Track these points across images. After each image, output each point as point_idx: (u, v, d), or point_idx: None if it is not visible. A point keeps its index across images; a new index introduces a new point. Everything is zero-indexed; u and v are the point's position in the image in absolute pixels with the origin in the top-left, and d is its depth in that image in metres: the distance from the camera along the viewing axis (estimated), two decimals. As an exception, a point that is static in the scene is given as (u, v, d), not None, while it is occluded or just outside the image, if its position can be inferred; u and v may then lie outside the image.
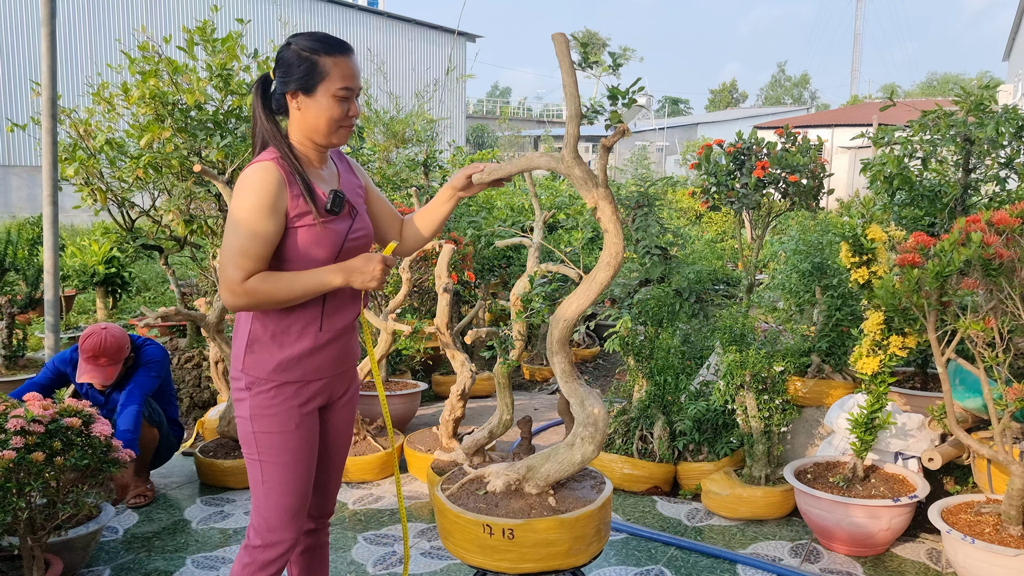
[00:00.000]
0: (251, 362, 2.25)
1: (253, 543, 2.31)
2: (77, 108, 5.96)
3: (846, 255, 3.53)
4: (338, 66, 2.19)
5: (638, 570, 3.52)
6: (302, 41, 2.21)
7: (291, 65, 2.19)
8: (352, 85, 2.21)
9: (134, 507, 4.23)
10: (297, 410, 2.28)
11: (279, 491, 2.29)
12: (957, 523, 3.25)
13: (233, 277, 2.13)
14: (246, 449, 2.31)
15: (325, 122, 2.20)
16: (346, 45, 2.25)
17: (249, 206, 2.13)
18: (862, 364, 3.59)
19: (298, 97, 2.20)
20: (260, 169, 2.16)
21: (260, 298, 2.15)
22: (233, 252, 2.13)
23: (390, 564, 3.59)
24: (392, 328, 4.69)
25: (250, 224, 2.13)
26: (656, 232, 4.70)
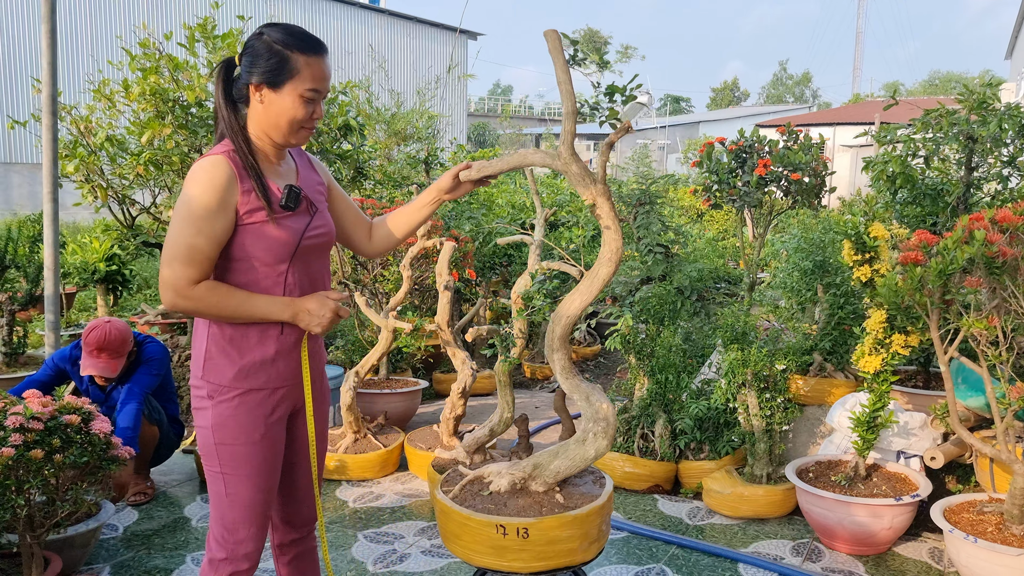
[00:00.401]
0: (211, 368, 2.16)
1: (218, 556, 2.22)
2: (78, 105, 5.95)
3: (848, 253, 3.52)
4: (310, 66, 2.09)
5: (639, 568, 3.51)
6: (276, 33, 2.10)
7: (260, 56, 2.09)
8: (321, 88, 2.13)
9: (134, 505, 4.22)
10: (263, 420, 2.19)
11: (243, 503, 2.20)
12: (960, 522, 3.24)
13: (181, 276, 2.04)
14: (208, 461, 2.20)
15: (287, 122, 2.11)
16: (321, 44, 2.15)
17: (198, 202, 2.04)
18: (864, 363, 3.58)
19: (262, 90, 2.10)
20: (210, 163, 2.07)
21: (203, 307, 2.07)
22: (180, 249, 2.03)
23: (391, 562, 3.58)
24: (393, 326, 4.68)
25: (198, 221, 2.03)
26: (658, 230, 4.68)
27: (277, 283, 2.16)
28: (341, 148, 6.13)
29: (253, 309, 2.10)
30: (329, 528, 3.95)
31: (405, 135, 10.34)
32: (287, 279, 2.17)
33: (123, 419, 3.88)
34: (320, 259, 2.29)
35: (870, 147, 18.39)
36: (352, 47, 27.64)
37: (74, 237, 10.71)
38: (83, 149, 5.69)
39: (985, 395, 3.70)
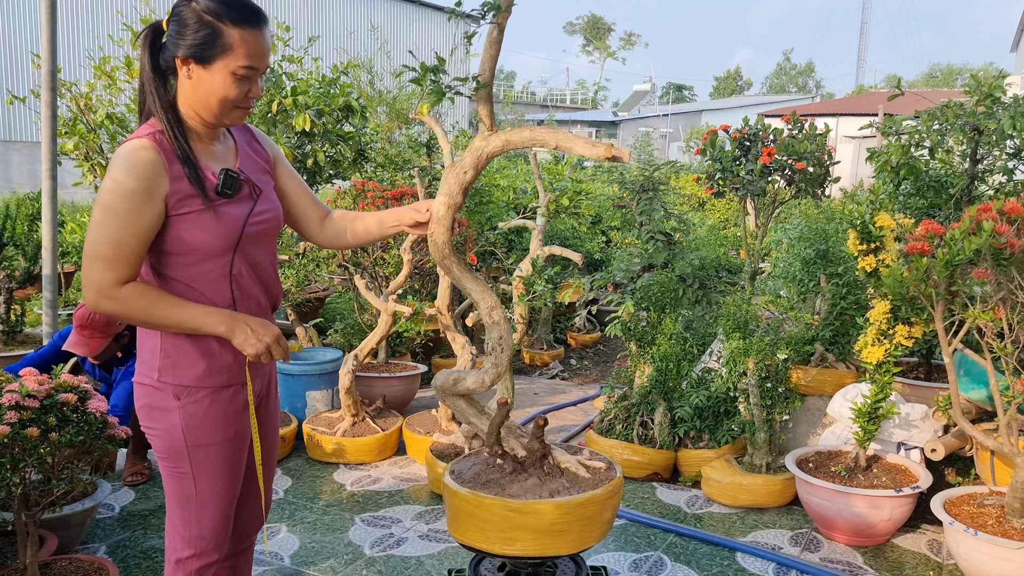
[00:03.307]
0: (170, 368, 1.99)
1: (184, 555, 2.10)
2: (78, 82, 5.90)
3: (853, 243, 3.49)
4: (245, 41, 1.87)
5: (637, 556, 3.50)
6: (207, 1, 1.86)
7: (187, 26, 1.86)
8: (258, 64, 1.91)
9: (131, 485, 4.21)
10: (236, 416, 2.08)
11: (215, 502, 2.09)
12: (960, 515, 3.23)
13: (105, 277, 1.84)
14: (173, 463, 2.05)
15: (217, 101, 1.91)
16: (259, 15, 1.91)
17: (121, 192, 1.83)
18: (867, 353, 3.56)
19: (190, 65, 1.88)
20: (132, 148, 1.86)
21: (129, 311, 1.88)
22: (104, 246, 1.83)
23: (388, 546, 3.57)
24: (392, 309, 4.65)
25: (121, 213, 1.83)
26: (660, 217, 4.65)
27: (223, 275, 2.00)
28: (342, 130, 6.08)
29: (185, 318, 1.92)
30: (326, 511, 3.94)
31: (407, 117, 10.28)
32: (232, 270, 2.01)
33: (114, 397, 3.86)
34: (268, 245, 2.14)
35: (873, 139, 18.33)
36: (354, 27, 27.50)
37: (73, 216, 10.67)
38: (83, 127, 5.65)
39: (987, 387, 3.68)
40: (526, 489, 2.22)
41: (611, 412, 4.54)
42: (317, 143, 5.81)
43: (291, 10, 25.56)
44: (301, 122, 5.45)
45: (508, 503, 2.14)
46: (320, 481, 4.33)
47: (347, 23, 27.90)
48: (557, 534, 2.17)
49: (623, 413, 4.49)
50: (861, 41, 68.71)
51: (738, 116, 7.39)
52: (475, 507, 2.17)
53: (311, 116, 5.54)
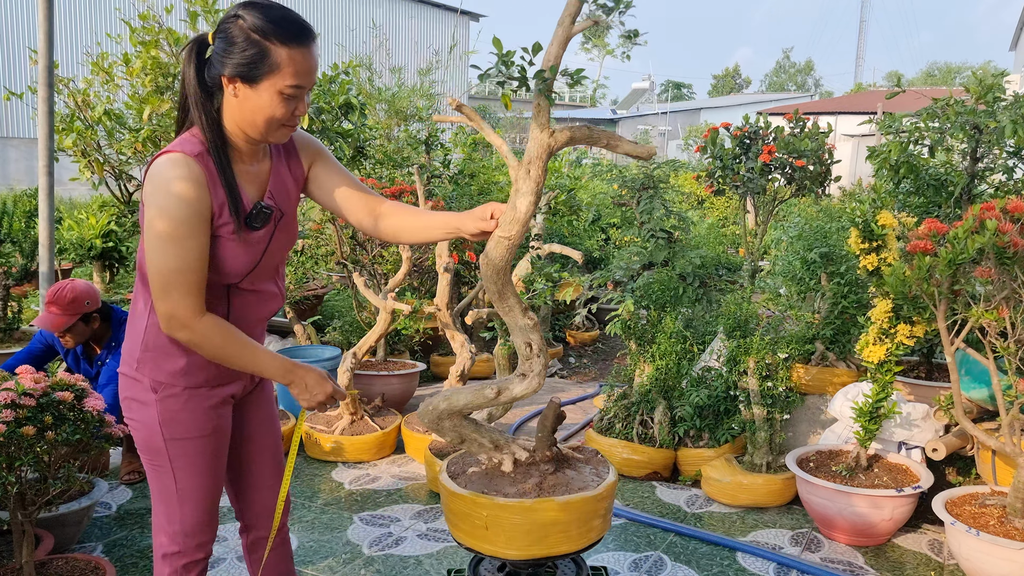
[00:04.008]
0: (149, 362, 2.00)
1: (171, 550, 2.11)
2: (75, 78, 5.87)
3: (855, 241, 3.47)
4: (293, 60, 1.82)
5: (637, 556, 3.48)
6: (254, 18, 1.81)
7: (235, 45, 1.81)
8: (305, 83, 1.87)
9: (128, 483, 4.19)
10: (214, 411, 2.07)
11: (196, 496, 2.09)
12: (961, 514, 3.21)
13: (183, 306, 1.84)
14: (152, 457, 2.05)
15: (264, 120, 1.87)
16: (307, 32, 1.86)
17: (179, 218, 1.80)
18: (868, 352, 3.54)
19: (236, 84, 1.83)
20: (180, 166, 1.81)
21: (203, 343, 1.89)
22: (175, 275, 1.82)
23: (386, 545, 3.55)
24: (391, 307, 4.63)
25: (183, 239, 1.81)
26: (661, 215, 4.63)
27: (224, 291, 1.99)
28: (342, 127, 6.06)
29: (252, 360, 1.96)
30: (324, 510, 3.92)
31: (406, 115, 10.26)
32: (230, 291, 2.01)
33: (104, 398, 3.84)
34: (278, 266, 2.15)
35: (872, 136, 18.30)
36: (354, 24, 27.46)
37: (71, 213, 10.63)
38: (80, 123, 5.62)
39: (988, 387, 3.66)
40: (524, 490, 2.20)
41: (611, 411, 4.53)
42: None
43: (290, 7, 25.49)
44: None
45: (507, 503, 2.12)
46: (318, 480, 4.31)
47: (347, 20, 27.87)
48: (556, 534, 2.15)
49: (623, 412, 4.47)
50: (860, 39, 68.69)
51: (737, 114, 7.39)
52: (471, 507, 2.14)
53: (310, 113, 5.51)
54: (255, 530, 2.36)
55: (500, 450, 2.25)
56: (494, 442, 2.24)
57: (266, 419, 2.33)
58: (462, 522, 2.17)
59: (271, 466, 2.34)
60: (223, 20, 1.87)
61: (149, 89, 5.34)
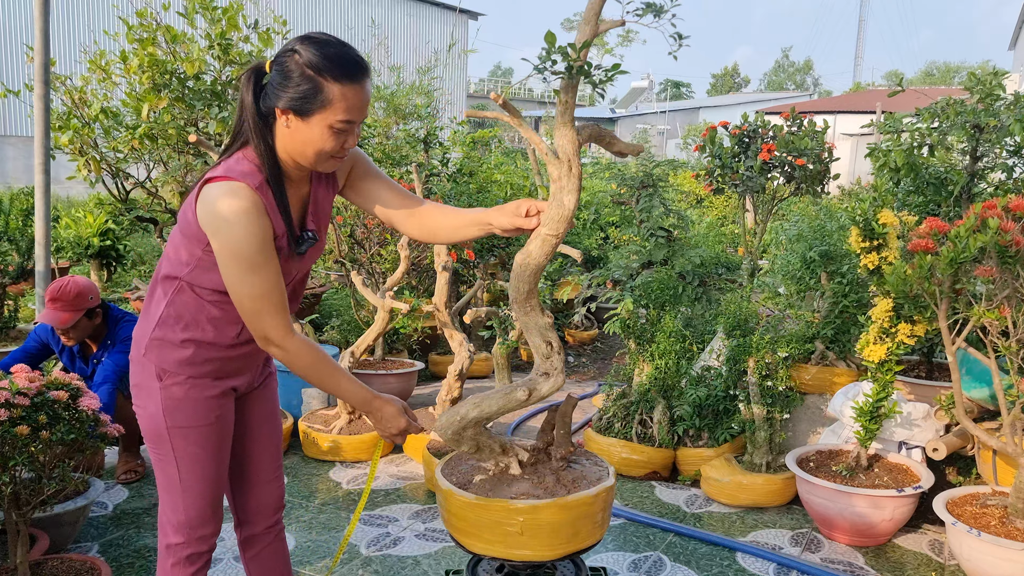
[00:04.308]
0: (156, 348, 2.05)
1: (175, 541, 2.15)
2: (72, 76, 5.84)
3: (856, 240, 3.45)
4: (344, 96, 1.85)
5: (636, 556, 3.46)
6: (310, 54, 1.85)
7: (289, 79, 1.85)
8: (356, 118, 1.90)
9: (124, 483, 4.17)
10: (216, 401, 2.11)
11: (199, 487, 2.13)
12: (962, 515, 3.19)
13: (274, 327, 1.93)
14: (156, 446, 2.10)
15: (314, 152, 1.91)
16: (361, 69, 1.89)
17: (254, 245, 1.87)
18: (869, 352, 3.52)
19: (289, 116, 1.88)
20: (245, 198, 1.86)
21: (294, 362, 1.98)
22: (260, 300, 1.90)
23: (384, 545, 3.53)
24: (389, 306, 4.61)
25: (261, 264, 1.88)
26: (660, 214, 4.61)
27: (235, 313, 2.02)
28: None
29: (338, 385, 2.06)
30: (322, 510, 3.90)
31: (404, 113, 10.23)
32: None
33: (99, 397, 3.82)
34: (303, 279, 2.23)
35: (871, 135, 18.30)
36: (353, 23, 27.41)
37: (68, 211, 10.61)
38: (77, 121, 5.60)
39: (989, 386, 3.65)
40: (551, 488, 2.18)
41: (610, 410, 4.51)
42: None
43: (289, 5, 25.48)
44: (297, 117, 5.39)
45: (506, 504, 2.09)
46: (316, 479, 4.29)
47: (346, 19, 27.82)
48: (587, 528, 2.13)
49: (622, 411, 4.46)
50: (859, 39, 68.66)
51: (736, 113, 7.36)
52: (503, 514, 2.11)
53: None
54: (250, 526, 2.38)
55: (506, 454, 2.24)
56: (502, 446, 2.23)
57: (268, 414, 2.36)
58: (488, 531, 2.12)
59: (270, 461, 2.37)
60: (281, 52, 1.91)
61: (147, 86, 5.32)
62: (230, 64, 5.56)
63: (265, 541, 2.40)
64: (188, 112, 5.34)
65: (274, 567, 2.43)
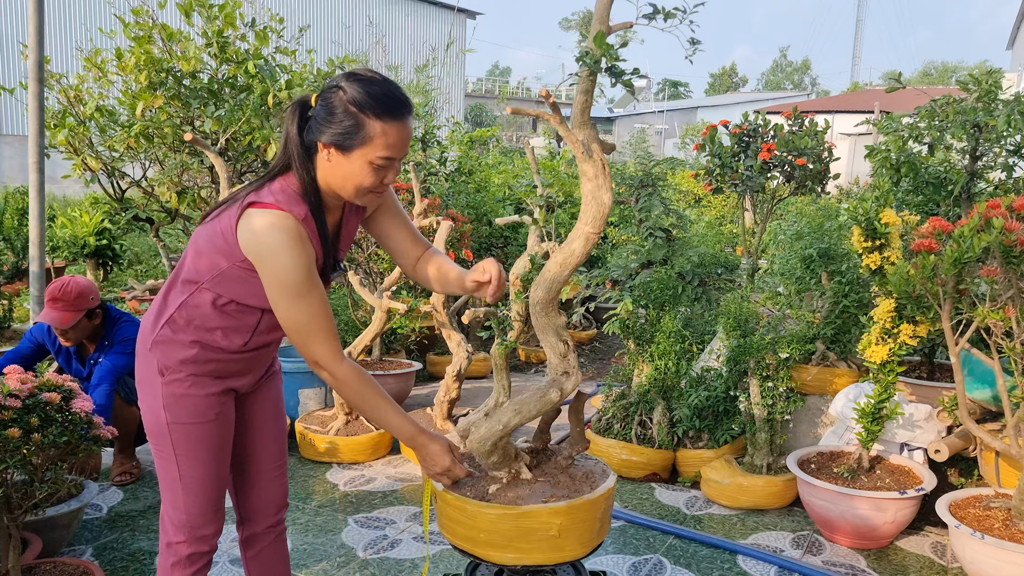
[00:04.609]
0: (163, 344, 2.07)
1: (176, 539, 2.17)
2: (67, 74, 5.80)
3: (858, 240, 3.41)
4: (386, 133, 1.89)
5: (636, 559, 3.43)
6: (355, 91, 1.88)
7: (333, 115, 1.89)
8: (396, 155, 1.93)
9: (119, 485, 4.13)
10: (216, 398, 2.13)
11: (199, 485, 2.14)
12: (965, 517, 3.16)
13: (325, 352, 1.96)
14: (158, 442, 2.12)
15: (353, 186, 1.95)
16: (403, 107, 1.92)
17: (301, 272, 1.91)
18: (871, 352, 3.49)
19: (330, 150, 1.91)
20: (292, 228, 1.90)
21: (344, 389, 2.01)
22: (309, 327, 1.94)
23: (381, 548, 3.49)
24: (387, 306, 4.57)
25: (307, 292, 1.92)
26: (659, 213, 4.58)
27: (254, 315, 2.07)
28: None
29: (385, 417, 2.05)
30: (318, 512, 3.87)
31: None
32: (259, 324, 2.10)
33: (95, 399, 3.78)
34: None
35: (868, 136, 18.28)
36: (350, 21, 27.36)
37: (64, 211, 10.55)
38: (72, 119, 5.55)
39: (991, 387, 3.61)
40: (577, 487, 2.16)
41: (609, 411, 4.47)
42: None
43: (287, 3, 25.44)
44: (295, 116, 5.34)
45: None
46: (312, 481, 4.26)
47: (343, 17, 27.77)
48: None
49: (621, 412, 4.42)
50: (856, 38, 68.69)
51: (734, 113, 7.33)
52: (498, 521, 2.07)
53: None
54: (251, 524, 2.39)
55: (517, 459, 2.21)
56: (515, 452, 2.21)
57: (271, 411, 2.37)
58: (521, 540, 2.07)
59: (273, 458, 2.38)
60: (326, 88, 1.94)
61: (143, 85, 5.28)
62: (227, 62, 5.51)
63: (266, 541, 2.41)
64: (184, 110, 5.30)
65: (274, 568, 2.44)
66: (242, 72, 5.44)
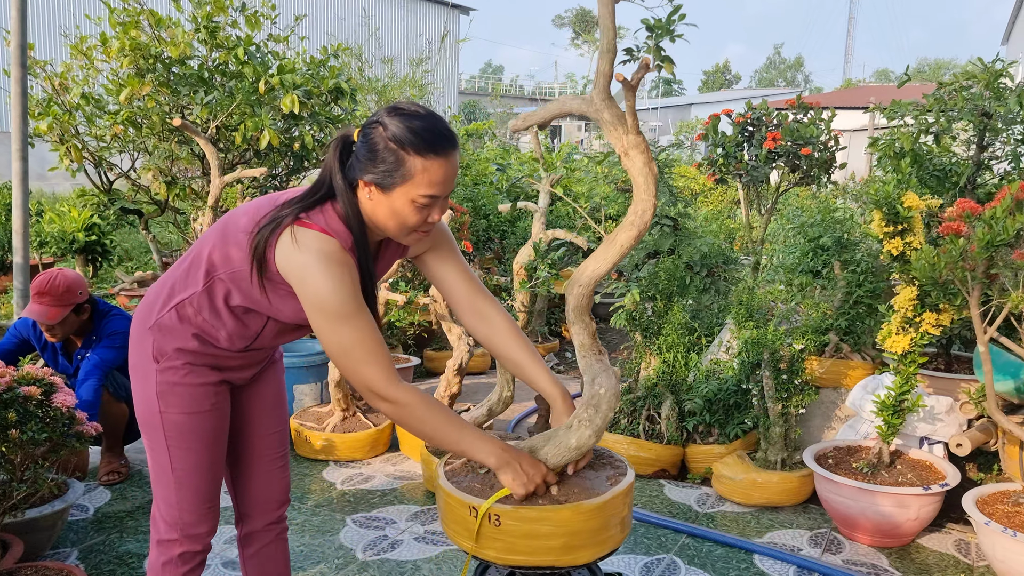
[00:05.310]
0: (164, 328, 1.97)
1: (167, 537, 2.06)
2: (52, 61, 5.63)
3: (879, 224, 3.27)
4: (428, 170, 1.76)
5: (648, 559, 3.28)
6: (397, 128, 1.76)
7: (374, 152, 1.77)
8: (440, 192, 1.80)
9: (107, 484, 3.96)
10: (212, 388, 2.02)
11: (192, 479, 2.03)
12: (994, 514, 3.02)
13: (377, 378, 1.79)
14: (150, 432, 2.01)
15: (396, 225, 1.83)
16: (447, 142, 1.79)
17: (345, 295, 1.78)
18: (891, 342, 3.34)
19: (371, 188, 1.80)
20: (337, 253, 1.80)
21: (405, 416, 1.82)
22: (359, 350, 1.79)
23: (381, 549, 3.34)
24: (385, 298, 4.42)
25: (353, 315, 1.79)
26: (667, 201, 4.42)
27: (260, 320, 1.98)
28: (331, 112, 5.83)
29: (459, 439, 1.85)
30: (315, 512, 3.70)
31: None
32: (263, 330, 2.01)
33: (82, 394, 3.62)
34: None
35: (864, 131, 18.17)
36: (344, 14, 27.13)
37: (53, 206, 10.36)
38: (57, 107, 5.38)
39: (1014, 379, 3.47)
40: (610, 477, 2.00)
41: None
42: (305, 125, 5.56)
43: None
44: (289, 103, 5.19)
45: (518, 511, 1.90)
46: (308, 480, 4.10)
47: (337, 9, 27.51)
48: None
49: (628, 407, 4.27)
50: (848, 36, 68.73)
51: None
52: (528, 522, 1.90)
53: (299, 96, 5.28)
54: (251, 520, 2.28)
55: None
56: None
57: (272, 399, 2.26)
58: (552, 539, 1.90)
59: (274, 450, 2.27)
60: (368, 123, 1.83)
61: (129, 71, 5.11)
62: (217, 48, 5.35)
63: (266, 539, 2.30)
64: (173, 98, 5.13)
65: (273, 569, 2.31)
66: (232, 58, 5.27)
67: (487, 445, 1.85)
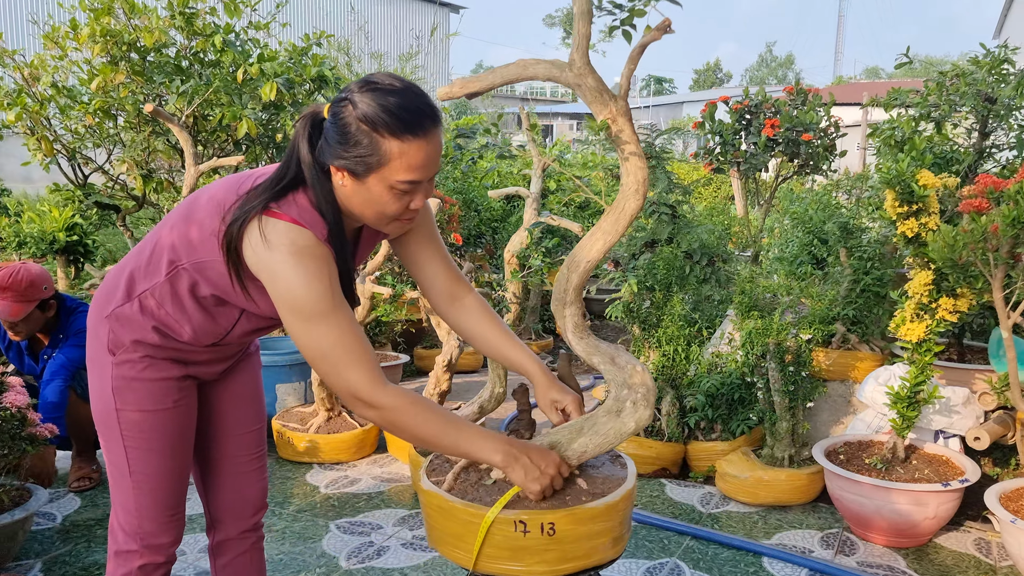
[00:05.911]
0: (121, 319, 1.78)
1: (126, 548, 1.86)
2: (23, 51, 5.40)
3: (891, 205, 3.07)
4: (406, 154, 1.56)
5: (651, 563, 3.08)
6: (368, 106, 1.54)
7: (343, 134, 1.56)
8: (420, 177, 1.60)
9: (77, 491, 3.74)
10: (175, 383, 1.83)
11: (153, 483, 1.82)
12: (1020, 511, 2.83)
13: (360, 381, 1.59)
14: (106, 430, 1.82)
15: (373, 214, 1.65)
16: (427, 120, 1.58)
17: (320, 293, 1.59)
18: (905, 330, 3.15)
19: (343, 174, 1.61)
20: (312, 246, 1.61)
21: (396, 420, 1.62)
22: (331, 349, 1.60)
23: (367, 556, 3.13)
24: (371, 291, 4.21)
25: (329, 313, 1.60)
26: (664, 188, 4.23)
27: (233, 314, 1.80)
28: (315, 101, 5.62)
29: (459, 440, 1.65)
30: (297, 517, 3.50)
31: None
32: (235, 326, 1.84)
33: (47, 396, 3.41)
34: None
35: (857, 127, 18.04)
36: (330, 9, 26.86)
37: (33, 206, 10.12)
38: (28, 98, 5.16)
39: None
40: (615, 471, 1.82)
41: (613, 402, 4.12)
42: (287, 115, 5.35)
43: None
44: (268, 91, 4.98)
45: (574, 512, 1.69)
46: (291, 483, 3.89)
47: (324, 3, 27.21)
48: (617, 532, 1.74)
49: (626, 403, 4.07)
50: (839, 33, 68.70)
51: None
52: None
53: (280, 85, 5.07)
54: (223, 527, 2.07)
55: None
56: None
57: (247, 393, 2.06)
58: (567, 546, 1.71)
59: (249, 450, 2.06)
60: (337, 100, 1.61)
61: (103, 60, 4.89)
62: (195, 36, 5.13)
63: (240, 548, 2.09)
64: (148, 86, 4.91)
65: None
66: (211, 47, 5.06)
67: (490, 442, 1.66)
